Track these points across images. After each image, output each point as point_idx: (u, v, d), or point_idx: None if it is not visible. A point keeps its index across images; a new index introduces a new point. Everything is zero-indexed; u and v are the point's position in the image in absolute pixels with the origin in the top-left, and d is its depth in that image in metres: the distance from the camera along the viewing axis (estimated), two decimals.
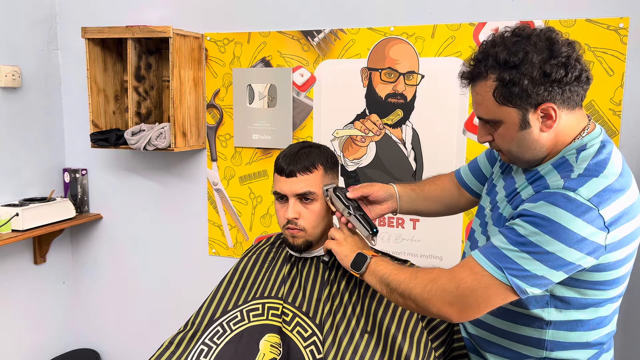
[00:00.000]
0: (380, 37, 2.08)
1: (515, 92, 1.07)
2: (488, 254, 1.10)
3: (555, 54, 1.06)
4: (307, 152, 1.37)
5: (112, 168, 2.59)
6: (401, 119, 2.10)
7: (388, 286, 1.19)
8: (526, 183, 1.19)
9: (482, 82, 1.12)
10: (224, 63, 2.32)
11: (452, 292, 1.10)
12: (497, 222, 1.24)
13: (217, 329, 1.37)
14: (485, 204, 1.35)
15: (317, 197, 1.36)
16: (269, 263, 1.47)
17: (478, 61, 1.13)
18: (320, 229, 1.39)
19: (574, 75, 1.07)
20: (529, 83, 1.06)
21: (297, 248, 1.39)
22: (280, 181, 1.36)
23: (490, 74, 1.10)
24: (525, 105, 1.09)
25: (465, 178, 1.52)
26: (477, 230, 1.36)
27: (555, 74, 1.06)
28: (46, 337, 2.64)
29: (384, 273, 1.21)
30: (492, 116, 1.14)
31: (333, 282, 1.37)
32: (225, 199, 2.40)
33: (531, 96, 1.07)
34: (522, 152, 1.15)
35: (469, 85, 1.18)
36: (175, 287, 2.56)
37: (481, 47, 1.14)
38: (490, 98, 1.11)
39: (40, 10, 2.49)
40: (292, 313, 1.35)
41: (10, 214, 2.26)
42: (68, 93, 2.61)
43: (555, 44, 1.08)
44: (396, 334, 1.27)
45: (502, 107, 1.10)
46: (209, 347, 1.34)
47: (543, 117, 1.10)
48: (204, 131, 2.39)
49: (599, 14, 1.82)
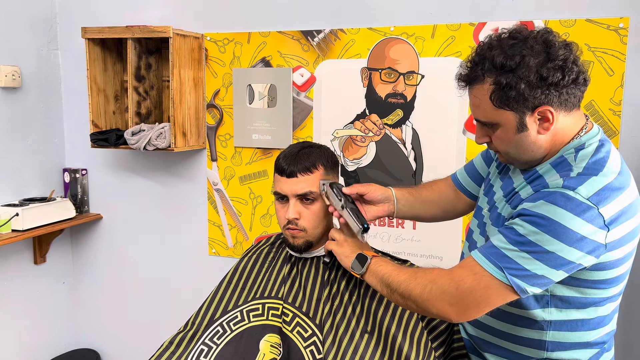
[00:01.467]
0: (380, 37, 2.08)
1: (512, 95, 1.07)
2: (488, 254, 1.10)
3: (552, 57, 1.06)
4: (307, 153, 1.37)
5: (112, 168, 2.59)
6: (401, 119, 2.10)
7: (388, 286, 1.20)
8: (525, 182, 1.19)
9: (479, 85, 1.12)
10: (224, 63, 2.32)
11: (451, 293, 1.11)
12: (495, 222, 1.24)
13: (217, 329, 1.37)
14: (483, 205, 1.35)
15: (318, 197, 1.36)
16: (269, 263, 1.47)
17: (475, 64, 1.13)
18: (321, 229, 1.39)
19: (571, 78, 1.07)
20: (525, 87, 1.06)
21: (298, 248, 1.39)
22: (281, 181, 1.36)
23: (487, 77, 1.10)
24: (522, 109, 1.09)
25: (462, 180, 1.51)
26: (476, 231, 1.36)
27: (552, 77, 1.05)
28: (46, 337, 2.64)
29: (384, 273, 1.21)
30: (489, 119, 1.14)
31: (333, 282, 1.37)
32: (225, 199, 2.40)
33: (528, 100, 1.07)
34: (520, 154, 1.16)
35: (466, 88, 1.17)
36: (175, 287, 2.56)
37: (478, 49, 1.14)
38: (488, 101, 1.11)
39: (40, 10, 2.49)
40: (292, 313, 1.35)
41: (10, 214, 2.26)
42: (68, 93, 2.61)
43: (552, 46, 1.07)
44: (396, 334, 1.27)
45: (499, 110, 1.10)
46: (209, 347, 1.34)
47: (540, 119, 1.10)
48: (204, 131, 2.39)
49: (599, 14, 1.82)
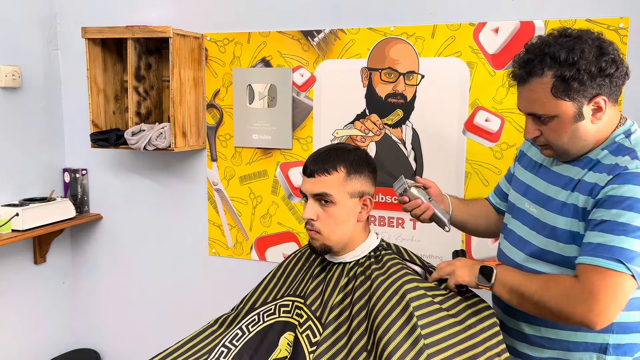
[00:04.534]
0: (380, 37, 2.08)
1: (574, 86, 1.17)
2: (601, 252, 1.14)
3: (604, 51, 1.18)
4: (331, 154, 1.36)
5: (112, 168, 2.59)
6: (401, 119, 2.10)
7: (521, 297, 1.23)
8: (584, 170, 1.25)
9: (537, 79, 1.21)
10: (224, 63, 2.32)
11: (587, 299, 1.13)
12: (560, 211, 1.27)
13: (253, 318, 1.45)
14: (521, 204, 1.40)
15: (336, 200, 1.34)
16: (311, 263, 1.49)
17: (530, 61, 1.21)
18: (339, 236, 1.37)
19: (622, 71, 1.20)
20: (587, 78, 1.16)
21: (316, 251, 1.39)
22: (303, 180, 1.39)
23: (547, 71, 1.19)
24: (581, 99, 1.18)
25: (499, 205, 1.61)
26: (523, 230, 1.38)
27: (609, 69, 1.17)
28: (46, 337, 2.64)
29: (513, 284, 1.24)
30: (547, 111, 1.22)
31: (349, 292, 1.35)
32: (225, 199, 2.40)
33: (587, 90, 1.18)
34: (573, 144, 1.24)
35: (518, 85, 1.27)
36: (175, 287, 2.56)
37: (531, 48, 1.24)
38: (547, 93, 1.19)
39: (40, 10, 2.49)
40: (307, 316, 1.36)
41: (10, 214, 2.26)
42: (68, 93, 2.61)
43: (603, 42, 1.19)
44: (390, 357, 1.19)
45: (559, 101, 1.19)
46: (243, 333, 1.41)
47: (595, 109, 1.20)
48: (204, 131, 2.39)
49: (599, 14, 1.82)
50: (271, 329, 1.39)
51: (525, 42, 1.30)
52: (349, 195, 1.36)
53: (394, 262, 1.37)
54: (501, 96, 1.95)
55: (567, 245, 1.26)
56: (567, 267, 1.26)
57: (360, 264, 1.40)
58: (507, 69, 1.93)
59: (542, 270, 1.30)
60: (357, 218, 1.39)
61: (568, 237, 1.25)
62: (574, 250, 1.24)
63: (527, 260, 1.35)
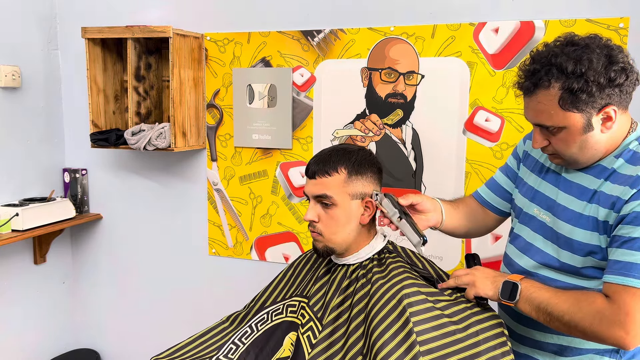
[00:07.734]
0: (380, 37, 2.08)
1: (582, 98, 1.13)
2: (632, 271, 1.11)
3: (613, 60, 1.13)
4: (333, 155, 1.35)
5: (112, 168, 2.59)
6: (401, 119, 2.10)
7: (549, 315, 1.19)
8: (599, 180, 1.22)
9: (544, 91, 1.16)
10: (224, 63, 2.32)
11: (622, 320, 1.11)
12: (577, 222, 1.24)
13: (263, 316, 1.45)
14: (530, 209, 1.37)
15: (337, 202, 1.33)
16: (318, 264, 1.49)
17: (537, 71, 1.17)
18: (341, 237, 1.36)
19: (632, 79, 1.15)
20: (596, 89, 1.12)
21: (319, 252, 1.39)
22: (306, 181, 1.39)
23: (554, 83, 1.14)
24: (590, 110, 1.14)
25: (488, 198, 1.55)
26: (533, 237, 1.35)
27: (619, 78, 1.13)
28: (46, 337, 2.64)
29: (540, 302, 1.20)
30: (555, 123, 1.18)
31: (350, 295, 1.34)
32: (225, 199, 2.40)
33: (596, 100, 1.13)
34: (582, 154, 1.21)
35: (524, 95, 1.22)
36: (175, 287, 2.56)
37: (537, 58, 1.19)
38: (555, 105, 1.16)
39: (40, 10, 2.49)
40: (309, 316, 1.36)
41: (10, 214, 2.26)
42: (68, 93, 2.61)
43: (611, 49, 1.15)
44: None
45: (567, 112, 1.15)
46: (252, 331, 1.43)
47: (604, 119, 1.16)
48: (204, 131, 2.39)
49: (599, 14, 1.82)
50: (278, 328, 1.40)
51: (525, 42, 1.27)
52: (350, 196, 1.35)
53: (397, 265, 1.35)
54: (501, 96, 1.95)
55: (582, 257, 1.23)
56: (579, 276, 1.24)
57: (363, 266, 1.38)
58: (507, 69, 1.93)
59: (553, 278, 1.28)
60: (360, 220, 1.38)
61: (585, 250, 1.22)
62: (589, 262, 1.22)
63: (537, 267, 1.32)
